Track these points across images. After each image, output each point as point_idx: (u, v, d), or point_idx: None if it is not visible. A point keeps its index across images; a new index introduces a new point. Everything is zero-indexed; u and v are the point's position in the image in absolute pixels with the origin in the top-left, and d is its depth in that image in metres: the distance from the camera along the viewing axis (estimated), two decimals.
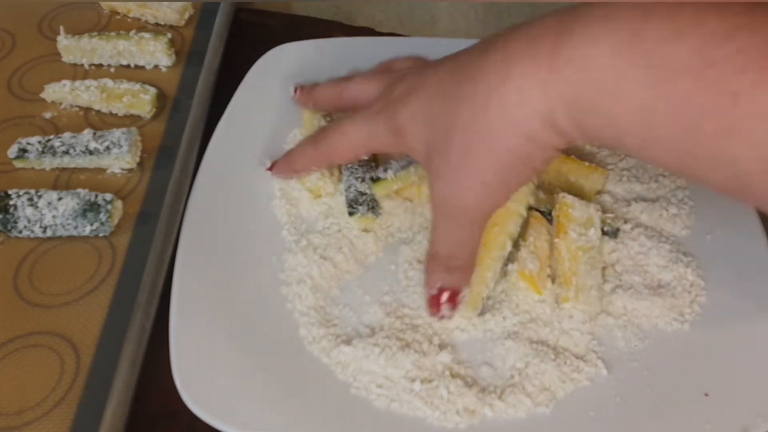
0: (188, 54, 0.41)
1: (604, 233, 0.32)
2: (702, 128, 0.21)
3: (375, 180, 0.33)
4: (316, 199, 0.34)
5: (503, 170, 0.26)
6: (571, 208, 0.31)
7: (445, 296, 0.28)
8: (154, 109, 0.38)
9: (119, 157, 0.35)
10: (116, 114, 0.38)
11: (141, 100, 0.37)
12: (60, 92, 0.38)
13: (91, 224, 0.32)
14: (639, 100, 0.22)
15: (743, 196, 0.22)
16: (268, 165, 0.34)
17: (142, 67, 0.40)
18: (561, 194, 0.32)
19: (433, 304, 0.28)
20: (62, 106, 0.38)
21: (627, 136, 0.23)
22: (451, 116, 0.26)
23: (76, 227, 0.32)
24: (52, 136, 0.35)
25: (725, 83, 0.20)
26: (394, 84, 0.30)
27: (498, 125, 0.25)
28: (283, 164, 0.34)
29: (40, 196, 0.32)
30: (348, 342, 0.29)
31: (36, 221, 0.32)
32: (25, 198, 0.32)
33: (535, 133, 0.25)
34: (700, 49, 0.20)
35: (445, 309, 0.28)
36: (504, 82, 0.25)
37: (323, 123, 0.36)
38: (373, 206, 0.33)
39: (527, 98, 0.24)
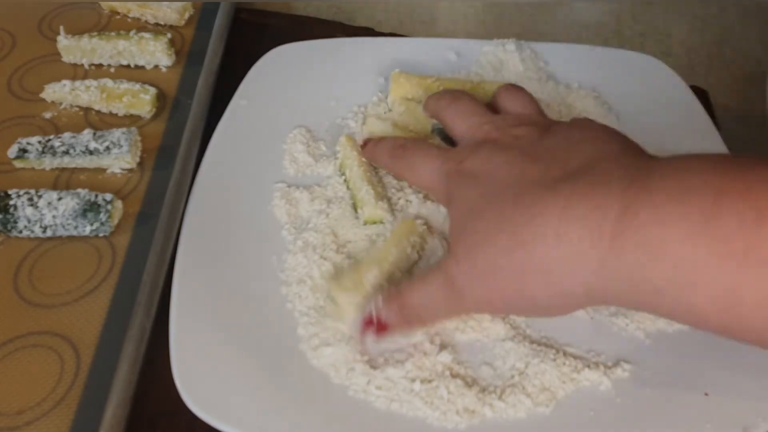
0: (188, 54, 0.41)
1: None
2: None
3: None
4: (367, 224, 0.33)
5: (515, 309, 0.26)
6: None
7: (372, 331, 0.27)
8: (154, 109, 0.38)
9: (119, 157, 0.35)
10: (116, 114, 0.38)
11: (141, 100, 0.37)
12: (60, 92, 0.38)
13: (91, 224, 0.32)
14: (720, 287, 0.21)
15: None
16: (361, 141, 0.35)
17: (142, 67, 0.40)
18: None
19: (365, 328, 0.28)
20: (62, 106, 0.38)
21: (708, 322, 0.22)
22: (492, 232, 0.25)
23: (76, 227, 0.32)
24: (52, 136, 0.35)
25: None
26: (473, 147, 0.29)
27: (534, 277, 0.24)
28: (369, 150, 0.34)
29: (40, 196, 0.32)
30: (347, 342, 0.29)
31: (36, 221, 0.32)
32: (25, 198, 0.32)
33: (573, 296, 0.24)
34: None
35: (369, 337, 0.28)
36: (556, 239, 0.23)
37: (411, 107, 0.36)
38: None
39: (578, 270, 0.23)
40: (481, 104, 0.32)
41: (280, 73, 0.39)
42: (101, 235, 0.32)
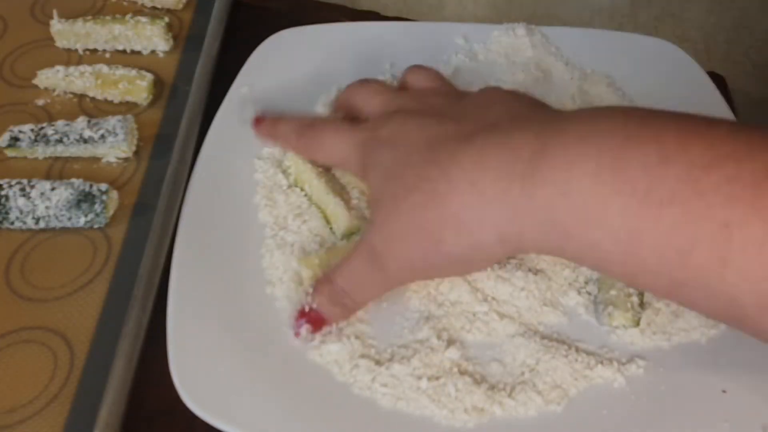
0: (186, 39, 0.40)
1: None
2: (693, 258, 0.21)
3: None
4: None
5: (436, 267, 0.27)
6: None
7: (307, 323, 0.28)
8: (150, 96, 0.37)
9: (115, 145, 0.34)
10: (111, 101, 0.37)
11: (137, 87, 0.36)
12: (53, 78, 0.37)
13: (86, 215, 0.31)
14: (624, 228, 0.21)
15: (738, 326, 0.22)
16: (253, 116, 0.34)
17: (139, 53, 0.39)
18: None
19: (299, 320, 0.28)
20: (55, 93, 0.37)
21: (610, 264, 0.23)
22: (409, 192, 0.26)
23: (69, 218, 0.31)
24: (45, 124, 0.34)
25: (716, 213, 0.20)
26: (385, 116, 0.29)
27: (449, 229, 0.25)
28: (267, 130, 0.33)
29: (32, 186, 0.32)
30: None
31: (28, 212, 0.31)
32: (17, 188, 0.32)
33: (489, 247, 0.25)
34: (687, 177, 0.20)
35: (304, 330, 0.28)
36: (470, 189, 0.24)
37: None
38: None
39: (491, 216, 0.24)
40: (390, 85, 0.33)
41: (282, 58, 0.39)
42: (96, 226, 0.32)
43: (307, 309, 0.28)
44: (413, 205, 0.25)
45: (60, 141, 0.34)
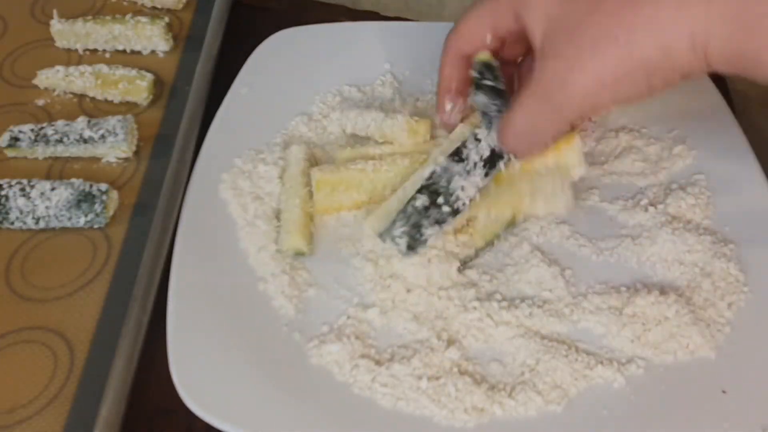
0: (186, 39, 0.40)
1: None
2: None
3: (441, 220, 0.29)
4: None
5: (625, 79, 0.25)
6: None
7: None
8: (150, 96, 0.37)
9: (115, 145, 0.34)
10: (111, 101, 0.37)
11: (137, 87, 0.36)
12: (53, 78, 0.37)
13: (86, 215, 0.31)
14: None
15: None
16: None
17: (139, 53, 0.39)
18: None
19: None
20: (55, 93, 0.37)
21: None
22: (597, 3, 0.25)
23: (70, 218, 0.31)
24: (45, 124, 0.35)
25: None
26: None
27: (642, 30, 0.24)
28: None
29: (32, 186, 0.32)
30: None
31: (28, 212, 0.31)
32: (17, 188, 0.32)
33: (678, 52, 0.24)
34: None
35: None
36: None
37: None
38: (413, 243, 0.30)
39: (684, 16, 0.23)
40: None
41: (282, 58, 0.38)
42: (96, 226, 0.32)
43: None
44: (605, 13, 0.25)
45: (60, 141, 0.34)
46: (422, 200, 0.29)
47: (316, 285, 0.31)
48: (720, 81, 0.40)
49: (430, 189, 0.29)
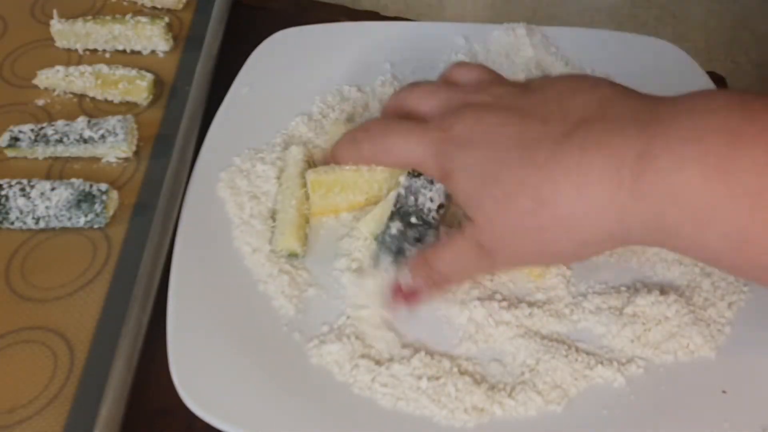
0: (186, 39, 0.40)
1: None
2: None
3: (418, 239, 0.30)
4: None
5: (545, 260, 0.28)
6: None
7: (402, 299, 0.29)
8: (150, 96, 0.37)
9: (115, 145, 0.34)
10: (111, 101, 0.37)
11: (137, 87, 0.36)
12: (53, 78, 0.37)
13: (86, 215, 0.31)
14: (731, 227, 0.22)
15: None
16: None
17: (139, 53, 0.39)
18: None
19: (396, 296, 0.29)
20: (55, 93, 0.37)
21: (719, 260, 0.23)
22: (511, 197, 0.25)
23: (69, 218, 0.31)
24: (45, 124, 0.34)
25: None
26: (454, 115, 0.28)
27: (559, 233, 0.25)
28: (331, 158, 0.32)
29: (32, 186, 0.31)
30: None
31: (28, 212, 0.31)
32: (17, 188, 0.31)
33: (597, 244, 0.25)
34: None
35: (400, 304, 0.29)
36: (576, 194, 0.24)
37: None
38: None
39: (600, 219, 0.24)
40: (439, 82, 0.31)
41: (282, 58, 0.38)
42: (96, 226, 0.32)
43: (403, 287, 0.29)
44: (519, 212, 0.25)
45: (60, 141, 0.34)
46: (396, 226, 0.29)
47: (316, 285, 0.30)
48: (720, 81, 0.40)
49: (401, 213, 0.30)
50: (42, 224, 0.31)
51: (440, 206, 0.30)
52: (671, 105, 0.24)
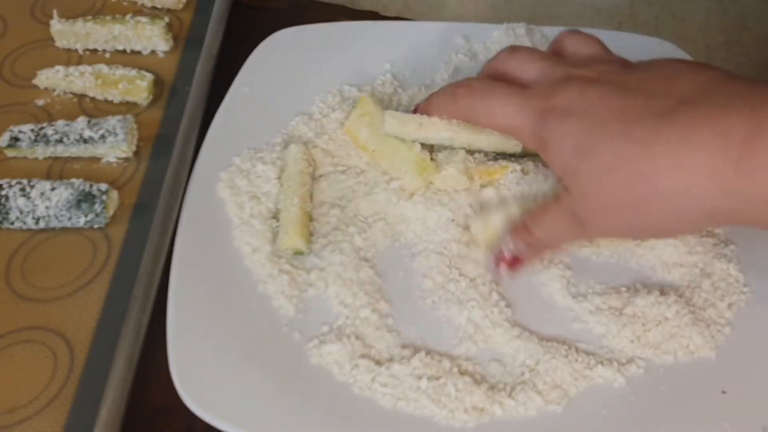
0: (186, 39, 0.40)
1: None
2: None
3: None
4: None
5: (639, 234, 0.28)
6: None
7: (506, 265, 0.30)
8: (150, 96, 0.37)
9: (115, 145, 0.34)
10: (111, 101, 0.37)
11: (137, 87, 0.36)
12: (53, 78, 0.37)
13: (86, 215, 0.31)
14: None
15: None
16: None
17: (139, 53, 0.39)
18: None
19: (498, 262, 0.30)
20: (55, 93, 0.37)
21: None
22: (608, 170, 0.25)
23: (69, 218, 0.31)
24: (45, 124, 0.34)
25: None
26: (557, 85, 0.28)
27: (656, 206, 0.25)
28: (423, 108, 0.32)
29: (32, 186, 0.31)
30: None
31: (28, 212, 0.31)
32: (17, 188, 0.31)
33: (695, 220, 0.25)
34: None
35: (503, 271, 0.30)
36: (677, 169, 0.24)
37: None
38: None
39: (700, 194, 0.24)
40: (542, 50, 0.31)
41: (282, 58, 0.38)
42: (96, 226, 0.32)
43: (506, 254, 0.29)
44: (617, 185, 0.25)
45: (60, 141, 0.34)
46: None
47: (316, 285, 0.30)
48: None
49: None
50: (42, 224, 0.31)
51: None
52: None
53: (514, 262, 0.29)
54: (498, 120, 0.30)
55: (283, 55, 0.39)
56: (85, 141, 0.34)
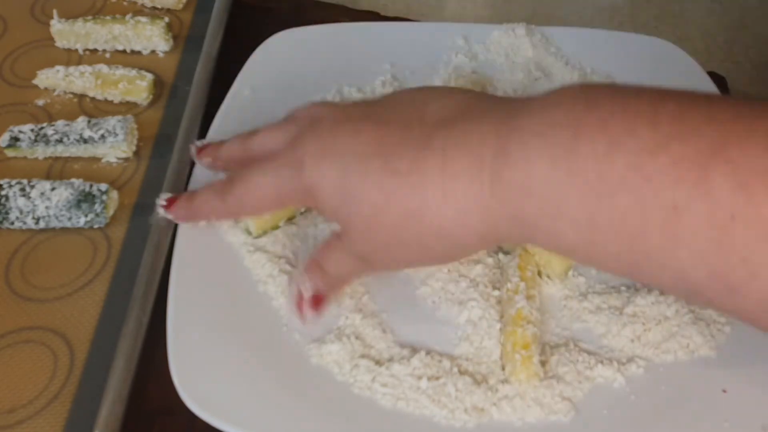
0: (186, 39, 0.40)
1: None
2: (646, 240, 0.21)
3: None
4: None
5: (420, 262, 0.27)
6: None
7: (309, 306, 0.28)
8: (150, 96, 0.37)
9: (115, 145, 0.34)
10: (111, 101, 0.37)
11: (137, 87, 0.36)
12: (53, 78, 0.37)
13: (86, 215, 0.31)
14: (580, 216, 0.22)
15: (694, 299, 0.23)
16: (164, 201, 0.30)
17: (139, 53, 0.39)
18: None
19: (300, 305, 0.28)
20: (55, 93, 0.37)
21: (575, 251, 0.23)
22: (378, 211, 0.25)
23: (70, 218, 0.31)
24: (45, 124, 0.34)
25: (664, 197, 0.20)
26: (303, 134, 0.27)
27: (432, 239, 0.25)
28: (185, 209, 0.30)
29: (32, 186, 0.31)
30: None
31: (28, 212, 0.31)
32: (17, 188, 0.31)
33: (470, 245, 0.25)
34: (635, 164, 0.20)
35: (307, 311, 0.28)
36: (443, 201, 0.24)
37: None
38: None
39: (469, 222, 0.24)
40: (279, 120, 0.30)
41: (282, 59, 0.38)
42: (96, 226, 0.32)
43: (305, 294, 0.28)
44: (390, 225, 0.25)
45: (60, 141, 0.34)
46: None
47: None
48: (720, 80, 0.40)
49: None
50: (42, 224, 0.31)
51: None
52: (527, 102, 0.24)
53: (317, 301, 0.28)
54: (262, 194, 0.28)
55: (284, 56, 0.39)
56: (85, 141, 0.34)
